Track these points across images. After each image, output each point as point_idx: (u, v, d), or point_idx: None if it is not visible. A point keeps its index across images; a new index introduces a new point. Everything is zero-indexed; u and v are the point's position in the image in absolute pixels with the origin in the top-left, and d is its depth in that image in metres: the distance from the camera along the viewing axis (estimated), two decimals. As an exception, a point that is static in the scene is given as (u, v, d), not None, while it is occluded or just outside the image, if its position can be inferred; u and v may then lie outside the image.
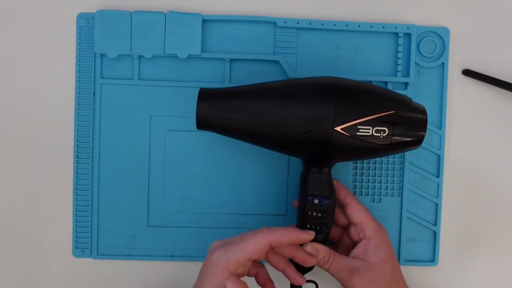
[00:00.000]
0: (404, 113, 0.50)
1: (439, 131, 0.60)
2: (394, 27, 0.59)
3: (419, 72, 0.60)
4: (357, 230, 0.54)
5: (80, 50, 0.58)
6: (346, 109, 0.48)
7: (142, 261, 0.60)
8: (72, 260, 0.59)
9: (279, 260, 0.50)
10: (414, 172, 0.60)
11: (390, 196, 0.61)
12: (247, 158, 0.59)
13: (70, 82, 0.58)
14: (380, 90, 0.52)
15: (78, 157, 0.58)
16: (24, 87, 0.59)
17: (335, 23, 0.59)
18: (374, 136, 0.49)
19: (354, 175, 0.60)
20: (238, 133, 0.51)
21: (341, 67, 0.60)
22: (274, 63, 0.59)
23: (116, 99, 0.58)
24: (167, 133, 0.59)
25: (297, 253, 0.51)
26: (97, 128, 0.58)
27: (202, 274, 0.49)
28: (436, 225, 0.61)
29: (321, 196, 0.52)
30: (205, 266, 0.49)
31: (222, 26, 0.59)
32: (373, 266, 0.53)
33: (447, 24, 0.60)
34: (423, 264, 0.61)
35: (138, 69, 0.58)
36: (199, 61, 0.59)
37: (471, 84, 0.61)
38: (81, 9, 0.58)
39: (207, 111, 0.50)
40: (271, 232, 0.48)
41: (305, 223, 0.52)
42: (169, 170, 0.59)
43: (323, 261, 0.52)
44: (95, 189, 0.58)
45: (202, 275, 0.49)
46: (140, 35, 0.57)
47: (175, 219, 0.59)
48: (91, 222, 0.59)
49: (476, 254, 0.62)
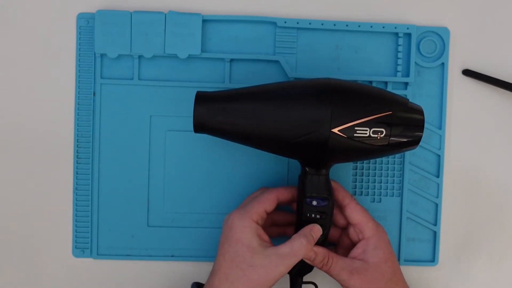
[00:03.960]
0: (401, 113, 0.50)
1: (439, 131, 0.60)
2: (394, 27, 0.59)
3: (419, 72, 0.60)
4: (356, 230, 0.54)
5: (80, 50, 0.58)
6: (343, 111, 0.48)
7: (142, 261, 0.60)
8: (72, 260, 0.59)
9: None
10: (414, 172, 0.60)
11: (390, 196, 0.61)
12: (247, 158, 0.59)
13: (70, 82, 0.58)
14: (377, 91, 0.52)
15: (78, 157, 0.58)
16: (24, 87, 0.59)
17: (335, 23, 0.59)
18: (371, 137, 0.49)
19: (354, 175, 0.60)
20: (236, 136, 0.51)
21: (341, 67, 0.60)
22: (274, 63, 0.59)
23: (116, 99, 0.58)
24: (167, 133, 0.59)
25: None
26: (97, 128, 0.58)
27: (223, 241, 0.51)
28: (436, 225, 0.61)
29: (320, 197, 0.52)
30: (226, 230, 0.51)
31: (222, 26, 0.59)
32: (372, 266, 0.53)
33: (447, 24, 0.60)
34: (423, 264, 0.61)
35: (138, 69, 0.58)
36: (199, 61, 0.59)
37: (471, 84, 0.61)
38: (81, 9, 0.58)
39: (204, 115, 0.50)
40: (273, 188, 0.54)
41: (304, 224, 0.52)
42: (169, 170, 0.59)
43: (322, 263, 0.52)
44: (95, 189, 0.59)
45: (223, 241, 0.51)
46: (140, 35, 0.57)
47: (175, 219, 0.59)
48: (91, 222, 0.59)
49: (476, 254, 0.62)
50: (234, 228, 0.50)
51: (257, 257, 0.49)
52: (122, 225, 0.59)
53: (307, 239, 0.50)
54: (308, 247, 0.50)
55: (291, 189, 0.54)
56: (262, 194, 0.53)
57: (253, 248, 0.49)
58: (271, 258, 0.49)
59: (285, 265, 0.49)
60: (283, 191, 0.54)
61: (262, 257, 0.49)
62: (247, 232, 0.50)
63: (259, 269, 0.48)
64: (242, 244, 0.49)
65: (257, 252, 0.49)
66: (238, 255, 0.49)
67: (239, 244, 0.49)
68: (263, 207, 0.51)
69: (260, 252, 0.49)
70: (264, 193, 0.53)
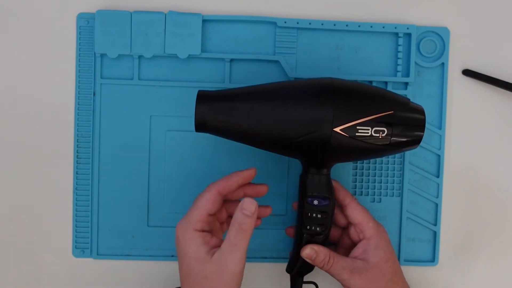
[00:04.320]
0: (402, 113, 0.50)
1: (439, 131, 0.60)
2: (394, 27, 0.59)
3: (419, 72, 0.60)
4: (356, 230, 0.54)
5: (80, 50, 0.58)
6: (345, 110, 0.48)
7: (142, 261, 0.60)
8: (72, 260, 0.59)
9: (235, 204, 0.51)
10: (414, 172, 0.60)
11: (390, 196, 0.61)
12: (248, 158, 0.59)
13: (70, 82, 0.58)
14: (378, 90, 0.52)
15: (78, 157, 0.58)
16: (24, 87, 0.59)
17: (335, 23, 0.59)
18: (373, 136, 0.49)
19: (354, 175, 0.60)
20: (237, 136, 0.51)
21: (341, 67, 0.60)
22: (274, 63, 0.59)
23: (116, 99, 0.58)
24: (167, 133, 0.59)
25: (246, 190, 0.54)
26: (97, 128, 0.58)
27: (177, 254, 0.50)
28: (436, 225, 0.61)
29: (321, 197, 0.52)
30: (175, 243, 0.50)
31: (222, 26, 0.59)
32: (373, 266, 0.53)
33: (447, 24, 0.60)
34: (423, 264, 0.61)
35: (138, 69, 0.58)
36: (199, 61, 0.59)
37: (471, 84, 0.61)
38: (81, 9, 0.58)
39: (205, 114, 0.49)
40: (216, 182, 0.51)
41: (305, 224, 0.52)
42: (169, 170, 0.59)
43: (323, 262, 0.52)
44: (95, 189, 0.58)
45: (177, 255, 0.51)
46: (140, 35, 0.57)
47: (175, 219, 0.59)
48: (91, 222, 0.59)
49: (476, 254, 0.62)
50: (180, 242, 0.50)
51: (207, 266, 0.48)
52: (122, 225, 0.59)
53: (239, 224, 0.48)
54: (245, 230, 0.48)
55: (233, 177, 0.52)
56: (201, 197, 0.51)
57: (201, 259, 0.48)
58: (220, 262, 0.48)
59: (234, 261, 0.48)
60: (224, 184, 0.51)
61: (211, 265, 0.48)
62: (192, 245, 0.49)
63: (213, 277, 0.48)
64: (189, 257, 0.49)
65: (205, 261, 0.48)
66: (190, 269, 0.49)
67: (187, 258, 0.49)
68: (205, 211, 0.50)
69: (208, 260, 0.48)
70: (203, 195, 0.50)
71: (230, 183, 0.51)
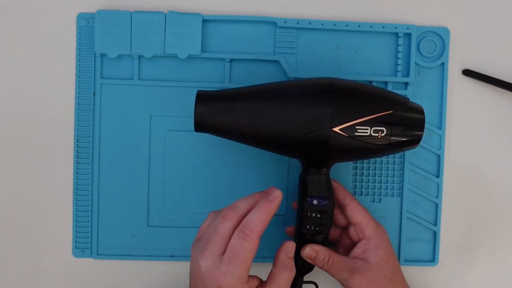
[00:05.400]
0: (402, 113, 0.50)
1: (439, 131, 0.60)
2: (394, 27, 0.59)
3: (419, 72, 0.60)
4: (356, 230, 0.54)
5: (80, 50, 0.58)
6: (344, 110, 0.48)
7: (142, 261, 0.60)
8: (72, 260, 0.59)
9: None
10: (414, 172, 0.60)
11: (390, 196, 0.61)
12: (247, 158, 0.59)
13: (70, 82, 0.58)
14: (378, 90, 0.52)
15: (78, 157, 0.58)
16: (24, 87, 0.59)
17: (335, 23, 0.59)
18: (372, 136, 0.49)
19: (354, 175, 0.60)
20: (236, 136, 0.51)
21: (341, 67, 0.60)
22: (274, 63, 0.59)
23: (116, 99, 0.58)
24: (167, 133, 0.59)
25: None
26: (97, 128, 0.58)
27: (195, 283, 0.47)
28: (436, 225, 0.61)
29: (320, 197, 0.52)
30: (198, 278, 0.47)
31: (222, 26, 0.59)
32: (373, 266, 0.53)
33: (447, 24, 0.60)
34: (423, 264, 0.61)
35: (138, 69, 0.58)
36: (199, 61, 0.59)
37: (471, 84, 0.61)
38: (81, 9, 0.58)
39: (205, 114, 0.49)
40: (255, 226, 0.46)
41: (305, 224, 0.52)
42: (169, 170, 0.59)
43: (323, 262, 0.52)
44: (95, 189, 0.58)
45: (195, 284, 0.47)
46: (140, 35, 0.57)
47: (175, 219, 0.59)
48: (91, 222, 0.59)
49: (476, 254, 0.62)
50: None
51: None
52: (122, 225, 0.59)
53: (287, 266, 0.48)
54: (291, 273, 0.48)
55: (265, 214, 0.47)
56: (242, 247, 0.45)
57: None
58: None
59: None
60: (263, 226, 0.46)
61: None
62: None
63: None
64: None
65: None
66: None
67: None
68: (250, 264, 0.46)
69: None
70: (245, 247, 0.45)
71: (267, 223, 0.47)
